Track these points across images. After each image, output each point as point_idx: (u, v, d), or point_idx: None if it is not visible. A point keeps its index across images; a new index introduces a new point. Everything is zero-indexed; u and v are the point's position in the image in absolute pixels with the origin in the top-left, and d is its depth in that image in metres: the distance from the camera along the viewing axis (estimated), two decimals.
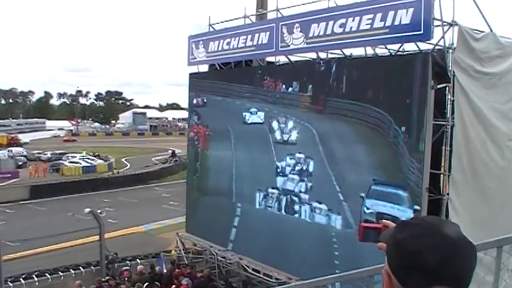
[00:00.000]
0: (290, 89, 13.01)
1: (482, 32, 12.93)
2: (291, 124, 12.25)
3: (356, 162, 11.33)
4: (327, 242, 11.54)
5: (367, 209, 11.56)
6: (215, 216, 15.74)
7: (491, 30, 13.06)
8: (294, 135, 11.90)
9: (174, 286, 17.21)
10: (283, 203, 12.23)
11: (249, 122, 13.25)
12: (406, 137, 10.61)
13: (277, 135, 12.27)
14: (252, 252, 14.64)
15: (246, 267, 17.60)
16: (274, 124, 12.76)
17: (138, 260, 20.89)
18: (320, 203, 11.51)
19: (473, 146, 12.61)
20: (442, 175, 13.10)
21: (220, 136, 14.87)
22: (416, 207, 10.96)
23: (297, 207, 11.92)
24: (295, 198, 11.69)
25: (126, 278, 18.65)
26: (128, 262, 20.73)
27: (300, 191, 11.78)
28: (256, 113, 13.26)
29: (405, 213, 10.92)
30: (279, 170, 12.23)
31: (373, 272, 3.92)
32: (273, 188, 12.49)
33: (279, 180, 12.29)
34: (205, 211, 16.48)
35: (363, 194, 11.66)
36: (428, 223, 1.47)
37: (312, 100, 12.31)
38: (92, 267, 20.27)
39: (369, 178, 11.08)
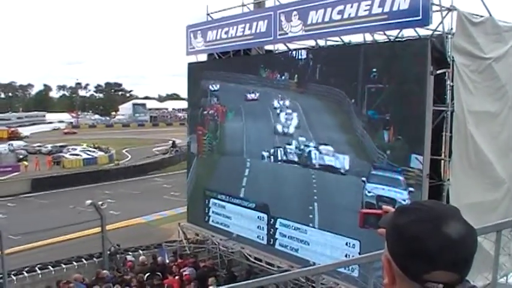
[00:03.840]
0: (283, 77, 16.14)
1: (481, 16, 12.87)
2: (284, 101, 16.02)
3: (325, 124, 14.87)
4: (307, 178, 15.39)
5: (368, 192, 13.25)
6: (230, 170, 18.40)
7: (490, 15, 13.00)
8: (286, 108, 15.88)
9: (176, 276, 17.26)
10: (280, 154, 16.09)
11: (254, 99, 17.20)
12: (354, 106, 13.65)
13: (277, 109, 16.22)
14: (259, 195, 17.18)
15: (248, 256, 17.67)
16: (275, 102, 16.41)
17: (140, 251, 20.89)
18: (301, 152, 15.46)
19: (473, 132, 12.59)
20: (442, 161, 13.11)
21: (234, 112, 18.08)
22: (411, 189, 12.29)
23: (290, 155, 15.85)
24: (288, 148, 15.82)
25: (128, 269, 18.73)
26: (130, 253, 20.72)
27: (289, 146, 15.83)
28: (259, 94, 17.05)
29: (401, 195, 12.47)
30: (277, 130, 16.23)
31: (372, 259, 3.91)
32: (272, 148, 16.42)
33: (277, 138, 16.25)
34: (222, 168, 18.92)
35: (364, 179, 13.34)
36: (428, 208, 1.45)
37: (297, 85, 15.70)
38: (95, 258, 20.19)
39: (333, 134, 14.45)
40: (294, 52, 16.12)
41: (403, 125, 12.69)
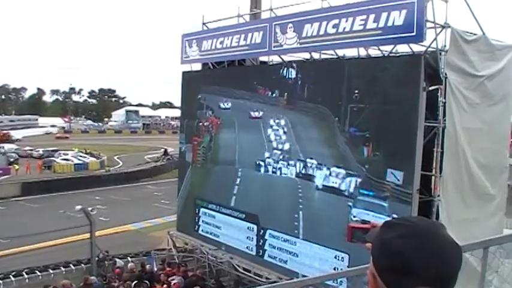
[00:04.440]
0: (274, 94, 16.57)
1: (475, 34, 12.97)
2: (274, 116, 16.60)
3: (312, 139, 15.49)
4: (293, 188, 15.92)
5: (354, 217, 13.69)
6: (222, 180, 18.74)
7: (483, 33, 13.10)
8: (275, 123, 16.51)
9: (164, 285, 17.22)
10: (270, 167, 16.64)
11: (248, 115, 17.55)
12: (338, 123, 14.29)
13: (268, 123, 16.79)
14: (250, 206, 17.43)
15: (237, 267, 17.65)
16: (265, 117, 16.97)
17: (129, 258, 20.80)
18: (289, 164, 16.04)
19: (464, 148, 12.66)
20: (433, 177, 13.16)
21: (227, 124, 18.52)
22: (395, 215, 11.81)
23: (278, 167, 16.39)
24: (275, 164, 16.45)
25: (116, 276, 18.65)
26: (118, 260, 20.64)
27: (279, 158, 16.40)
28: (252, 110, 17.40)
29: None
30: (267, 143, 16.78)
31: (360, 272, 3.92)
32: (262, 159, 16.90)
33: (267, 149, 16.75)
34: (215, 178, 19.25)
35: (350, 203, 13.93)
36: (414, 223, 1.47)
37: (287, 102, 16.15)
38: (83, 264, 20.10)
39: (319, 148, 15.11)
40: (284, 71, 16.28)
41: (381, 142, 13.29)
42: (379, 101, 13.45)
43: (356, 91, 13.88)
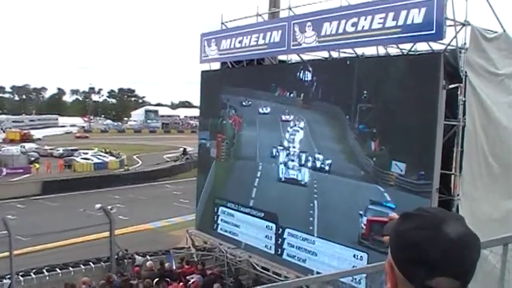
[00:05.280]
0: (292, 95, 17.08)
1: (495, 32, 12.86)
2: (291, 115, 17.20)
3: (325, 135, 16.20)
4: (309, 185, 16.51)
5: (364, 225, 14.10)
6: (243, 175, 19.22)
7: (504, 30, 12.98)
8: (294, 121, 17.10)
9: (182, 283, 17.30)
10: (288, 162, 17.16)
11: (266, 113, 18.33)
12: (349, 120, 15.00)
13: (285, 121, 17.42)
14: (268, 201, 17.81)
15: (256, 265, 17.67)
16: (284, 115, 17.50)
17: (147, 257, 20.91)
18: (303, 159, 16.69)
19: (484, 147, 12.56)
20: (453, 175, 13.08)
21: (249, 122, 19.02)
22: None
23: (291, 164, 17.04)
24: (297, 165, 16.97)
25: (135, 274, 18.75)
26: (137, 257, 20.75)
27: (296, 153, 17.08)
28: (272, 110, 17.97)
29: None
30: (285, 139, 17.38)
31: (378, 269, 3.91)
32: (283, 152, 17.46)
33: (285, 145, 17.36)
34: (236, 174, 19.78)
35: (361, 212, 14.30)
36: (432, 214, 1.47)
37: (303, 101, 16.66)
38: (102, 263, 20.23)
39: (332, 144, 15.91)
40: (301, 74, 16.61)
41: (386, 137, 14.06)
42: (386, 101, 14.15)
43: (365, 91, 14.53)
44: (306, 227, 16.20)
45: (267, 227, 17.57)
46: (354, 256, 14.35)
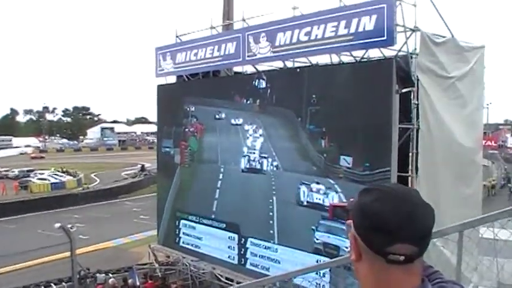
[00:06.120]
0: (248, 102, 17.65)
1: (444, 36, 13.26)
2: (249, 120, 17.83)
3: (281, 136, 16.92)
4: (267, 181, 17.27)
5: (317, 239, 15.08)
6: (207, 176, 19.55)
7: (452, 35, 13.40)
8: (250, 125, 17.82)
9: None
10: (246, 163, 17.90)
11: (226, 119, 18.84)
12: (300, 122, 15.83)
13: (244, 126, 18.05)
14: (231, 194, 18.30)
15: (219, 277, 17.67)
16: (241, 120, 18.16)
17: (110, 274, 20.67)
18: (264, 158, 17.42)
19: (439, 148, 12.89)
20: (409, 178, 13.36)
21: (210, 129, 19.50)
22: None
23: (253, 164, 17.79)
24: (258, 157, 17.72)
25: None
26: (99, 275, 20.49)
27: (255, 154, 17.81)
28: (231, 116, 18.57)
29: (344, 243, 14.06)
30: (244, 142, 18.03)
31: (342, 262, 4.03)
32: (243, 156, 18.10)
33: (245, 148, 18.05)
34: (200, 176, 20.06)
35: (313, 227, 15.09)
36: (389, 189, 1.59)
37: (259, 107, 17.29)
38: (64, 283, 19.90)
39: (287, 144, 16.72)
40: (256, 82, 17.22)
41: (335, 134, 14.88)
42: (331, 103, 15.08)
43: (314, 95, 15.40)
44: (266, 231, 16.62)
45: (229, 237, 17.64)
46: (317, 261, 14.48)
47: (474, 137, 14.55)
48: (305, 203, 15.63)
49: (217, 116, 18.81)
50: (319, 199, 15.24)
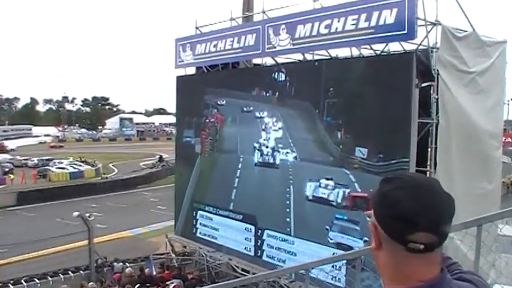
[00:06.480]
0: (268, 94, 17.83)
1: (465, 31, 13.15)
2: (268, 112, 17.93)
3: (298, 127, 17.03)
4: (284, 172, 17.34)
5: (330, 239, 15.22)
6: (227, 164, 19.70)
7: (473, 30, 13.28)
8: (269, 117, 17.94)
9: None
10: (266, 152, 18.04)
11: (245, 110, 18.99)
12: (318, 114, 15.97)
13: (263, 118, 18.20)
14: (249, 184, 18.46)
15: (236, 268, 17.73)
16: (261, 112, 18.23)
17: (127, 264, 20.83)
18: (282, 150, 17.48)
19: (458, 143, 12.81)
20: (428, 173, 13.29)
21: (230, 119, 19.66)
22: (366, 238, 13.62)
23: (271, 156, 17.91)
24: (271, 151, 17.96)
25: (116, 281, 18.68)
26: (116, 263, 20.67)
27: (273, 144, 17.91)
28: (250, 107, 18.70)
29: (357, 243, 14.29)
30: (263, 134, 18.23)
31: (358, 254, 4.03)
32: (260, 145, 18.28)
33: (264, 139, 18.19)
34: (220, 165, 20.21)
35: (327, 227, 15.26)
36: (408, 177, 1.62)
37: (278, 99, 17.43)
38: (81, 271, 20.08)
39: (304, 135, 16.93)
40: (275, 75, 17.32)
41: (350, 127, 15.08)
42: (347, 96, 15.30)
43: (331, 88, 15.57)
44: (283, 223, 16.66)
45: (246, 229, 17.71)
46: (334, 254, 14.49)
47: (494, 133, 14.44)
48: (315, 198, 15.81)
49: (245, 109, 18.92)
50: (326, 194, 15.50)
